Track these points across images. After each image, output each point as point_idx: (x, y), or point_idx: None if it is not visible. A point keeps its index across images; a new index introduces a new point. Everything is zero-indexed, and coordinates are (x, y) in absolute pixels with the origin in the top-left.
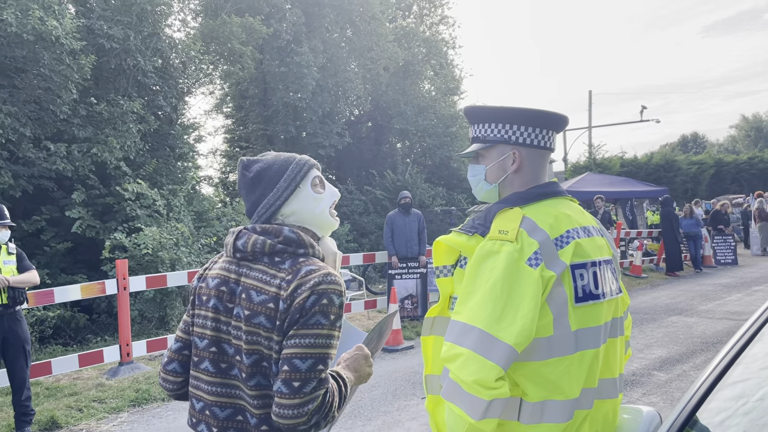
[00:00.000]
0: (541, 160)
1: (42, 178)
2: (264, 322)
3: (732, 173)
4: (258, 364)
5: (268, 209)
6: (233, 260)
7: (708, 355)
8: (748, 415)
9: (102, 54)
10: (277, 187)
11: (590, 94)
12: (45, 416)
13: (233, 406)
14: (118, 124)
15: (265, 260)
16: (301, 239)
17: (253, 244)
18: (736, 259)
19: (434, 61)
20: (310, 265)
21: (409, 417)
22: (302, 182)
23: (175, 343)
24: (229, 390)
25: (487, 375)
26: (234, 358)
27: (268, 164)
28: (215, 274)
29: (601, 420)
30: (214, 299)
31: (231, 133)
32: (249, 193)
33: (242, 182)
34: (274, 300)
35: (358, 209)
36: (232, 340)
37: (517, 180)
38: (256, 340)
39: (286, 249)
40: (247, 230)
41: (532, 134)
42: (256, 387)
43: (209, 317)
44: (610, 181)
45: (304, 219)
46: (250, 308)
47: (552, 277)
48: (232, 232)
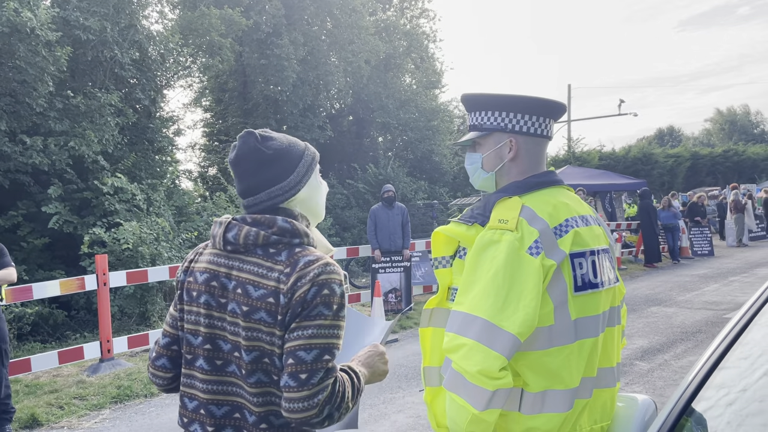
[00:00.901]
0: (538, 148)
1: (18, 173)
2: (265, 317)
3: (707, 166)
4: (259, 360)
5: (286, 192)
6: (223, 253)
7: (688, 344)
8: (731, 406)
9: (78, 46)
10: (297, 170)
11: (569, 88)
12: (25, 414)
13: (230, 403)
14: (96, 117)
15: (259, 252)
16: (296, 228)
17: (246, 236)
18: (712, 251)
19: (415, 55)
20: (307, 256)
21: (395, 410)
22: (315, 168)
23: (162, 338)
24: (226, 387)
25: (492, 365)
26: (231, 354)
27: (286, 145)
28: (203, 268)
29: (600, 409)
30: (206, 295)
31: (210, 127)
32: (260, 170)
33: (254, 157)
34: (273, 294)
35: (340, 203)
36: (228, 336)
37: (514, 168)
38: (256, 336)
39: (281, 240)
40: (237, 221)
41: (528, 122)
42: (257, 384)
43: (202, 313)
44: (589, 174)
45: (309, 206)
46: (248, 303)
47: (552, 265)
48: (220, 223)
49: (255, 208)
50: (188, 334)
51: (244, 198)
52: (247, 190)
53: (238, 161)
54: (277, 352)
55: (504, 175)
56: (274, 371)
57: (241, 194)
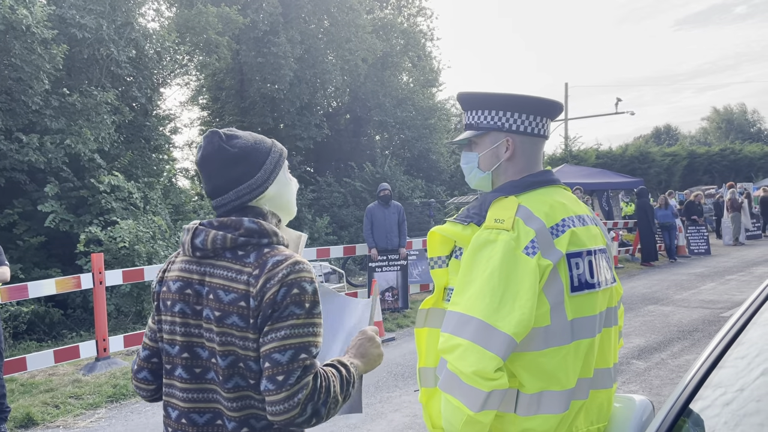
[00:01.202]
0: (535, 147)
1: (14, 171)
2: (237, 321)
3: (704, 165)
4: (234, 365)
5: (254, 190)
6: (193, 259)
7: (685, 343)
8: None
9: (74, 44)
10: (264, 167)
11: (566, 87)
12: (21, 413)
13: (212, 410)
14: (92, 115)
15: (228, 255)
16: (263, 228)
17: (213, 241)
18: (709, 249)
19: (412, 53)
20: (276, 256)
21: (391, 409)
22: (283, 165)
23: (143, 351)
24: (206, 395)
25: (487, 366)
26: (209, 361)
27: (251, 143)
28: (175, 276)
29: (596, 410)
30: (180, 303)
31: (207, 125)
32: (226, 169)
33: (219, 156)
34: (244, 298)
35: (338, 201)
36: (205, 343)
37: (510, 168)
38: (230, 341)
39: (249, 241)
40: (204, 226)
41: (525, 121)
42: (234, 389)
43: (177, 322)
44: (586, 173)
45: (279, 204)
46: (220, 309)
47: (548, 265)
48: (188, 230)
49: (223, 209)
50: (166, 345)
51: (212, 198)
52: (214, 190)
53: (204, 161)
54: (251, 356)
55: (500, 175)
56: (250, 375)
57: (209, 195)
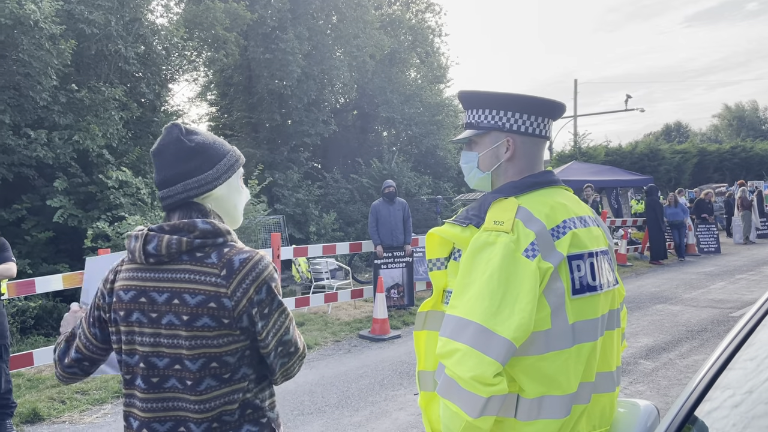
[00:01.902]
0: (535, 148)
1: (22, 166)
2: (209, 322)
3: (715, 162)
4: (206, 366)
5: (202, 185)
6: (145, 266)
7: (694, 343)
8: (737, 408)
9: (82, 39)
10: (218, 166)
11: (575, 83)
12: (27, 408)
13: (174, 418)
14: (100, 111)
15: (185, 258)
16: (218, 228)
17: (168, 246)
18: (719, 248)
19: (420, 49)
20: (238, 254)
21: (396, 407)
22: (237, 170)
23: (74, 353)
24: (167, 403)
25: (485, 371)
26: (170, 369)
27: (210, 141)
28: (125, 286)
29: (599, 414)
30: (136, 313)
31: (215, 121)
32: (180, 162)
33: (176, 148)
34: (214, 299)
35: (344, 198)
36: (164, 351)
37: (510, 168)
38: (201, 343)
39: (205, 242)
40: (155, 231)
41: (527, 122)
42: (207, 390)
43: (135, 332)
44: (595, 170)
45: (225, 208)
46: (187, 312)
47: (549, 268)
48: (137, 237)
49: (169, 200)
50: (125, 355)
51: (160, 190)
52: (164, 181)
53: (159, 151)
54: (229, 350)
55: (500, 175)
56: (224, 372)
57: (158, 185)
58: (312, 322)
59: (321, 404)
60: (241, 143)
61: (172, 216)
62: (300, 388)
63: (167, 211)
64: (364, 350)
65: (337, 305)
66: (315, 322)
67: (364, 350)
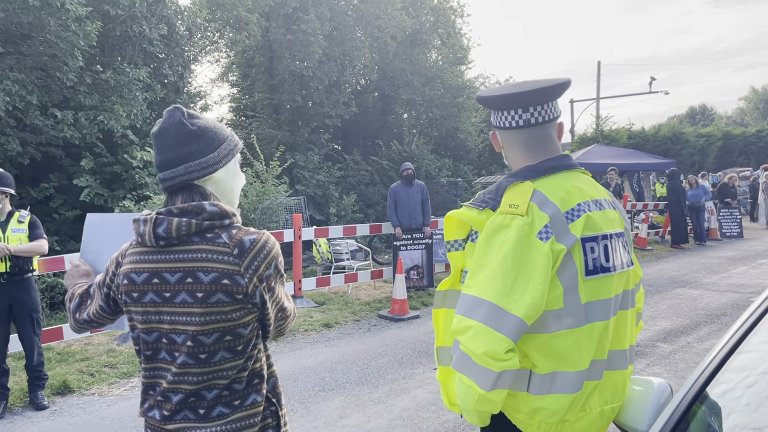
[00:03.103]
0: (519, 138)
1: (50, 146)
2: (223, 298)
3: (740, 146)
4: (220, 340)
5: (203, 168)
6: (155, 249)
7: (712, 327)
8: (751, 388)
9: (108, 21)
10: (218, 150)
11: (599, 65)
12: (57, 380)
13: (182, 391)
14: (125, 92)
15: (196, 239)
16: (224, 210)
17: (178, 228)
18: (741, 232)
19: (442, 30)
20: (248, 234)
21: (415, 385)
22: (236, 155)
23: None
24: (180, 377)
25: (498, 347)
26: (183, 345)
27: (211, 126)
28: (138, 269)
29: (611, 390)
30: (150, 294)
31: (237, 102)
32: (182, 145)
33: (177, 130)
34: (227, 276)
35: (365, 180)
36: (179, 328)
37: (509, 159)
38: (216, 318)
39: (213, 224)
40: (163, 214)
41: (501, 116)
42: (220, 362)
43: (151, 312)
44: (617, 153)
45: (224, 191)
46: (202, 289)
47: (562, 250)
48: (145, 221)
49: (170, 182)
50: (142, 333)
51: (161, 171)
52: (165, 162)
53: (161, 133)
54: (243, 321)
55: (512, 165)
56: (237, 344)
57: (159, 167)
58: (332, 302)
59: (342, 381)
60: (262, 124)
61: (174, 198)
62: (321, 365)
63: (169, 193)
64: (383, 329)
65: (357, 285)
66: (335, 301)
67: (384, 329)
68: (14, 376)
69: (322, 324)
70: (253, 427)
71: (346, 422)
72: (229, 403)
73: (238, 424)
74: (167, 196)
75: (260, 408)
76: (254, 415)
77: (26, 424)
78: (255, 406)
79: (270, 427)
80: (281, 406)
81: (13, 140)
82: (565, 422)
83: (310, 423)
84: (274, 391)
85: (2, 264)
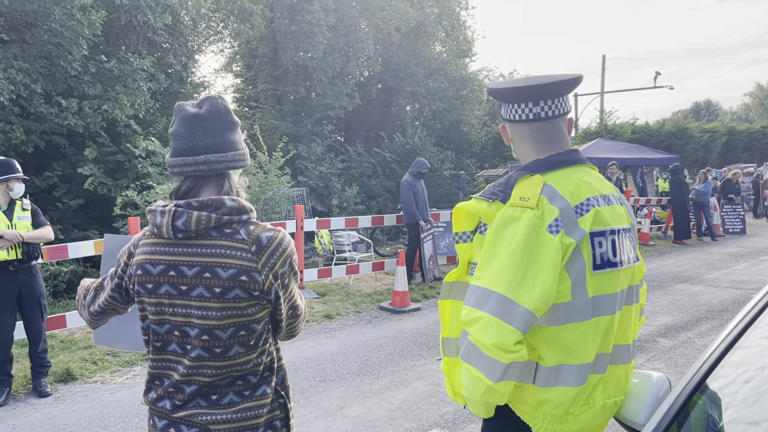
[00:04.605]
0: (528, 131)
1: (54, 134)
2: (240, 294)
3: (744, 142)
4: (236, 335)
5: (243, 160)
6: (173, 241)
7: (713, 323)
8: (748, 383)
9: (112, 10)
10: (246, 148)
11: (603, 59)
12: (60, 368)
13: (197, 383)
14: (129, 81)
15: (214, 234)
16: (243, 205)
17: (197, 222)
18: (744, 229)
19: (446, 22)
20: (265, 231)
21: (415, 377)
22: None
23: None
24: (195, 370)
25: (507, 338)
26: (198, 339)
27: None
28: (153, 260)
29: (614, 384)
30: (166, 285)
31: (241, 93)
32: (228, 131)
33: (224, 118)
34: (245, 272)
35: (367, 171)
36: (194, 322)
37: (518, 152)
38: (234, 313)
39: (232, 219)
40: (182, 207)
41: (512, 109)
42: (234, 356)
43: (165, 303)
44: (621, 148)
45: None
46: (220, 285)
47: (571, 244)
48: (164, 212)
49: (216, 165)
50: (154, 325)
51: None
52: (214, 145)
53: (209, 116)
54: (257, 317)
55: (520, 158)
56: (250, 339)
57: (205, 149)
58: (334, 293)
59: (342, 372)
60: (266, 115)
61: (206, 184)
62: (322, 356)
63: (201, 177)
64: (384, 321)
65: (358, 277)
66: (337, 293)
67: (385, 321)
68: (17, 363)
69: (323, 315)
70: (260, 417)
71: (347, 413)
72: (240, 393)
73: (247, 413)
74: (196, 182)
75: (269, 399)
76: (262, 406)
77: (29, 410)
78: (264, 397)
79: (278, 419)
80: (289, 399)
81: (17, 128)
82: (569, 415)
83: (310, 413)
84: (283, 384)
85: (13, 251)
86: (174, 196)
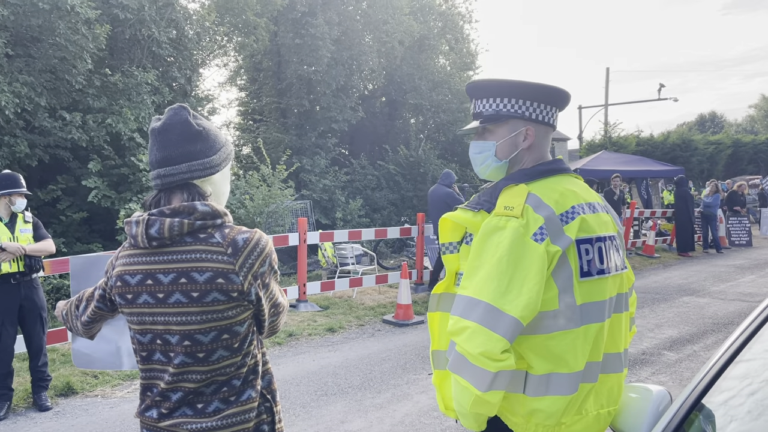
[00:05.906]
0: (548, 137)
1: (58, 148)
2: (219, 297)
3: (749, 154)
4: (218, 339)
5: (207, 168)
6: (148, 250)
7: (719, 336)
8: (753, 396)
9: (117, 24)
10: (219, 153)
11: (608, 71)
12: (61, 382)
13: (183, 389)
14: (133, 95)
15: (188, 240)
16: (216, 210)
17: (170, 229)
18: (750, 241)
19: (450, 36)
20: (240, 233)
21: (418, 390)
22: (231, 161)
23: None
24: (180, 376)
25: (494, 347)
26: (179, 346)
27: (213, 128)
28: (131, 270)
29: (606, 394)
30: (145, 295)
31: (245, 106)
32: (185, 142)
33: (182, 128)
34: (222, 275)
35: (371, 184)
36: (173, 329)
37: (527, 157)
38: (212, 317)
39: (205, 224)
40: (155, 215)
41: (544, 110)
42: (218, 360)
43: (145, 313)
44: (625, 160)
45: (217, 192)
46: (197, 289)
47: (557, 251)
48: (137, 222)
49: (170, 179)
50: (137, 335)
51: (160, 167)
52: (167, 159)
53: (164, 129)
54: (239, 319)
55: (517, 164)
56: (234, 342)
57: (158, 163)
58: (337, 306)
59: (344, 385)
60: (270, 128)
61: (171, 196)
62: (324, 370)
63: (164, 190)
64: (387, 335)
65: (361, 290)
66: (340, 306)
67: (388, 335)
68: (18, 377)
69: (325, 328)
70: (248, 422)
71: (348, 427)
72: (226, 399)
73: (234, 419)
74: (160, 194)
75: (255, 404)
76: (249, 411)
77: (29, 424)
78: (250, 401)
79: (265, 423)
80: (276, 403)
81: (21, 142)
82: (561, 425)
83: (311, 427)
84: (269, 387)
85: (15, 264)
86: (146, 207)
